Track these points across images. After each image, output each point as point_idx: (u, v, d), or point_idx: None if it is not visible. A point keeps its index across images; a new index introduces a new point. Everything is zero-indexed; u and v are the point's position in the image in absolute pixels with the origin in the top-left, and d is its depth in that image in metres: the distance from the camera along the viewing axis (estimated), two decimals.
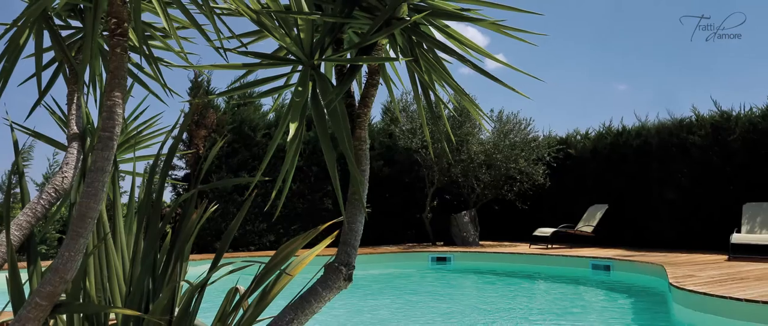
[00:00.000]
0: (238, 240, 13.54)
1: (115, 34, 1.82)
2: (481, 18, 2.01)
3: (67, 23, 2.61)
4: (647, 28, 22.41)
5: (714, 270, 8.18)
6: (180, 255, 2.19)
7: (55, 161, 13.19)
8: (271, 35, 2.06)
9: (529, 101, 9.02)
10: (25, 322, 1.73)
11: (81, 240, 1.75)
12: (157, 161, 2.33)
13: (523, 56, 22.98)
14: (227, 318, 2.20)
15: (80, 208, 1.76)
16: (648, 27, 22.34)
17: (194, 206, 2.26)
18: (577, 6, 22.88)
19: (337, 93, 1.98)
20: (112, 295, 2.32)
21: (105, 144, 1.80)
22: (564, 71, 22.54)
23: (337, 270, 2.03)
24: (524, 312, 7.52)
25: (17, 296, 2.04)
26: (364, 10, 2.06)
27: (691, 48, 19.55)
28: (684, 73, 21.55)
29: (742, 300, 5.77)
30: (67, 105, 2.50)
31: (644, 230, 13.08)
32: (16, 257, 2.02)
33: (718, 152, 11.91)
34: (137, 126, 3.08)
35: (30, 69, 2.56)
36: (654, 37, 22.28)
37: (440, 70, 2.11)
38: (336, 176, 1.94)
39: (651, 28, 22.33)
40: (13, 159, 2.34)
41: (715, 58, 20.83)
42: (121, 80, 1.81)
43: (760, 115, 11.65)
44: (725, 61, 20.43)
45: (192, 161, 13.37)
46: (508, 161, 13.88)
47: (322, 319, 6.48)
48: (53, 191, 2.26)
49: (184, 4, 1.96)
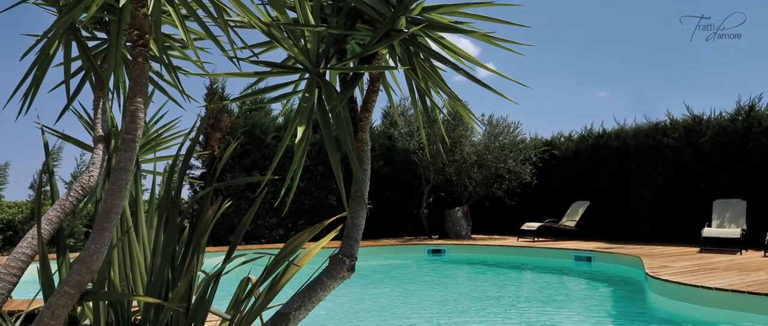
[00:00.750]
0: (250, 234, 13.54)
1: (137, 45, 1.82)
2: (473, 30, 2.01)
3: (93, 35, 2.61)
4: (626, 39, 22.42)
5: (687, 261, 8.18)
6: (197, 248, 2.19)
7: (82, 161, 13.20)
8: (280, 46, 2.06)
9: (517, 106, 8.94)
10: (54, 309, 1.73)
11: (106, 234, 1.75)
12: (175, 161, 2.33)
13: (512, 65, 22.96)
14: (240, 305, 2.20)
15: (105, 204, 1.76)
16: (627, 38, 22.36)
17: (210, 203, 2.26)
18: (561, 18, 22.88)
19: (341, 99, 1.98)
20: (134, 284, 2.32)
21: (128, 146, 1.80)
22: (549, 79, 22.55)
23: (341, 261, 2.03)
24: (512, 299, 7.52)
25: (47, 285, 2.04)
26: (365, 22, 2.06)
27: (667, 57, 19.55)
28: (659, 80, 21.56)
29: (712, 289, 5.77)
30: (93, 110, 2.50)
31: (623, 224, 13.08)
32: (46, 249, 2.02)
33: (691, 153, 11.91)
34: (157, 129, 3.08)
35: (59, 77, 2.57)
36: (632, 47, 22.29)
37: (436, 77, 2.11)
38: (340, 175, 1.94)
39: (629, 39, 22.34)
40: (44, 159, 2.34)
41: (689, 66, 20.83)
42: (142, 87, 1.81)
43: (728, 119, 11.66)
44: (698, 68, 20.44)
45: (208, 161, 13.37)
46: (498, 162, 13.88)
47: (328, 306, 6.48)
48: (80, 188, 2.26)
49: (201, 18, 1.96)
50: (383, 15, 1.97)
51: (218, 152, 12.91)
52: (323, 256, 2.21)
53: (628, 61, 22.13)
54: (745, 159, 11.16)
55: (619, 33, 22.55)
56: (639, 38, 21.97)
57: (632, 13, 21.76)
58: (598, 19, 23.05)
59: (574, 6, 23.05)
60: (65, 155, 12.13)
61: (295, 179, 2.07)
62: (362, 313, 6.64)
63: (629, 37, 22.22)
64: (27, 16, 8.03)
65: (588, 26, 23.43)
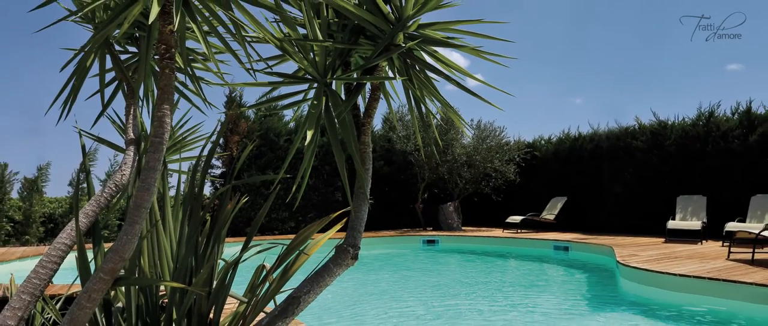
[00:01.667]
0: (265, 226, 13.53)
1: (164, 58, 1.82)
2: (464, 44, 2.01)
3: (126, 49, 2.61)
4: (598, 53, 22.43)
5: (653, 251, 8.17)
6: (217, 238, 2.19)
7: (115, 161, 13.19)
8: (292, 59, 2.06)
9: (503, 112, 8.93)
10: (91, 293, 1.73)
11: (137, 226, 1.75)
12: (198, 161, 2.33)
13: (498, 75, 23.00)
14: (256, 290, 2.20)
15: (136, 200, 1.76)
16: (599, 52, 22.37)
17: (229, 198, 2.26)
18: (541, 35, 22.89)
19: (346, 106, 1.98)
20: (161, 271, 2.32)
21: (156, 147, 1.79)
22: (531, 88, 22.52)
23: (345, 250, 2.03)
24: (498, 284, 7.52)
25: (84, 271, 2.04)
26: (367, 38, 2.06)
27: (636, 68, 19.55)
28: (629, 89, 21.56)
29: (676, 275, 5.77)
30: (125, 116, 2.50)
31: (596, 217, 13.07)
32: (83, 240, 2.02)
33: (657, 154, 11.91)
34: (182, 133, 3.08)
35: (95, 86, 2.56)
36: (604, 60, 22.30)
37: (430, 87, 2.11)
38: (344, 174, 1.94)
39: (601, 53, 22.36)
40: (81, 160, 2.34)
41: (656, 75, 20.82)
42: (169, 95, 1.81)
43: (690, 123, 11.66)
44: (663, 78, 20.44)
45: (227, 162, 13.37)
46: (486, 162, 13.88)
47: (334, 291, 6.49)
48: (114, 185, 2.26)
49: (221, 34, 1.96)
50: (383, 31, 1.97)
51: (236, 153, 12.91)
52: (330, 246, 2.20)
53: (600, 72, 22.16)
54: (704, 160, 11.17)
55: (592, 47, 22.59)
56: (610, 52, 21.99)
57: (603, 30, 21.81)
58: (573, 36, 23.10)
59: (553, 24, 23.09)
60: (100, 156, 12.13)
61: (304, 177, 2.07)
62: (365, 297, 6.64)
63: (601, 51, 22.25)
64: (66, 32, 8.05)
65: (565, 42, 23.45)
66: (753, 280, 5.24)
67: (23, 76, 19.76)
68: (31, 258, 8.61)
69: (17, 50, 19.21)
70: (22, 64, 19.37)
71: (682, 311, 5.29)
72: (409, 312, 5.70)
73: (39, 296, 1.95)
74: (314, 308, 5.31)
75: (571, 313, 5.55)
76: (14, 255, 8.83)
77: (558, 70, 23.33)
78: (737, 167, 10.67)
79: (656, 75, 20.71)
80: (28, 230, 11.98)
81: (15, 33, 17.90)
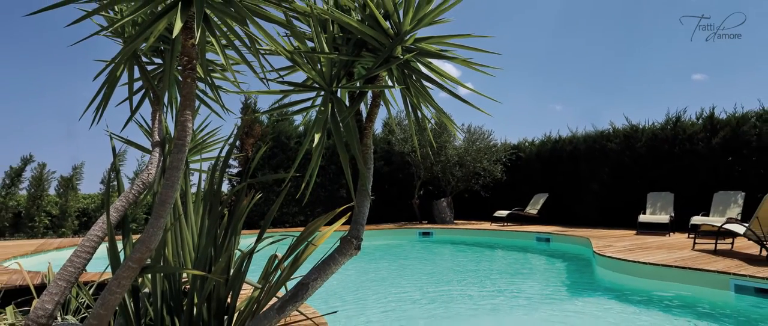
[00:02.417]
0: (277, 219, 13.53)
1: (186, 68, 1.82)
2: (455, 56, 2.01)
3: (152, 60, 2.61)
4: (577, 64, 22.43)
5: (626, 241, 8.17)
6: (234, 231, 2.19)
7: (142, 161, 13.20)
8: (301, 69, 2.06)
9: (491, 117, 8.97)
10: (120, 280, 1.73)
11: (161, 220, 1.75)
12: (217, 161, 2.33)
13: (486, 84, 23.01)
14: (269, 277, 2.20)
15: (161, 196, 1.76)
16: (577, 63, 22.37)
17: (244, 195, 2.26)
18: (525, 47, 22.90)
19: (350, 112, 1.98)
20: (184, 260, 2.32)
21: (179, 149, 1.80)
22: (516, 95, 22.52)
23: (349, 242, 2.03)
24: (486, 272, 7.52)
25: (114, 260, 2.04)
26: (369, 51, 2.06)
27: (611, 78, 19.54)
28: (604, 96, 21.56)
29: (647, 264, 5.77)
30: (151, 120, 2.50)
31: (575, 212, 13.07)
32: (113, 232, 2.02)
33: (630, 155, 11.90)
34: (203, 136, 3.08)
35: (124, 94, 2.56)
36: (582, 70, 22.30)
37: (425, 94, 2.11)
38: (348, 173, 1.94)
39: (580, 63, 22.36)
40: (112, 160, 2.34)
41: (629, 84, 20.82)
42: (191, 102, 1.81)
43: (659, 127, 11.65)
44: (635, 86, 20.44)
45: (243, 162, 13.37)
46: (475, 162, 13.87)
47: (339, 278, 6.49)
48: (141, 183, 2.26)
49: (237, 47, 1.96)
50: (383, 45, 1.97)
51: (251, 154, 12.91)
52: (335, 237, 2.21)
53: (579, 81, 22.17)
54: (672, 160, 11.16)
55: (572, 59, 22.60)
56: (588, 63, 21.99)
57: (582, 43, 21.80)
58: (554, 48, 23.10)
59: (536, 38, 23.10)
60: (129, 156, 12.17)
61: (313, 176, 2.07)
62: (367, 283, 6.64)
63: (580, 62, 22.25)
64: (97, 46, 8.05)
65: (546, 54, 23.46)
66: (715, 268, 5.24)
67: (60, 86, 19.76)
68: (66, 249, 8.61)
69: (54, 63, 19.23)
70: (59, 74, 19.38)
71: (652, 296, 5.29)
72: (406, 296, 5.70)
73: (74, 282, 1.95)
74: (321, 293, 5.30)
75: (552, 298, 5.55)
76: (52, 246, 8.83)
77: (540, 80, 23.36)
78: (701, 166, 10.67)
79: (629, 84, 20.74)
80: (64, 223, 11.99)
81: (53, 47, 17.91)
